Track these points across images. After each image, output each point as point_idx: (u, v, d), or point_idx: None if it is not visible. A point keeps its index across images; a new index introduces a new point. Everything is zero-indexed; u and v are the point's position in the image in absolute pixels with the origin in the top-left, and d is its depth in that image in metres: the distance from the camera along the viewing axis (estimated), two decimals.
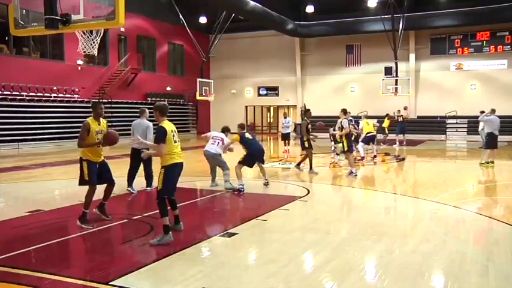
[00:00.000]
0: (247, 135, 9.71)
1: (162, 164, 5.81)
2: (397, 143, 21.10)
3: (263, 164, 9.98)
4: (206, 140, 10.18)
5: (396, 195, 9.51)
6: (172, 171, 5.82)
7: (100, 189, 6.74)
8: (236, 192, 9.15)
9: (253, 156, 9.61)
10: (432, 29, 28.39)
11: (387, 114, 20.91)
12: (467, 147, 22.91)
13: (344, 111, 12.18)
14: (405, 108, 22.33)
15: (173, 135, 5.83)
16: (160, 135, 5.70)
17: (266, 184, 9.73)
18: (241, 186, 9.26)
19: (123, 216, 7.18)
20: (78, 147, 6.55)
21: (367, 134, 14.85)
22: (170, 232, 5.64)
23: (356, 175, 11.61)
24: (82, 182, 6.57)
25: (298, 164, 12.74)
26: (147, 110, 9.47)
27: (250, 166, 9.92)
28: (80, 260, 5.38)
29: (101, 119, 6.77)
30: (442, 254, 5.34)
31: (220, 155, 9.89)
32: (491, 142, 14.01)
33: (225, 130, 10.27)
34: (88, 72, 24.76)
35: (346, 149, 11.96)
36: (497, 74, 27.85)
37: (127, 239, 6.12)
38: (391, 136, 21.43)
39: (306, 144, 12.31)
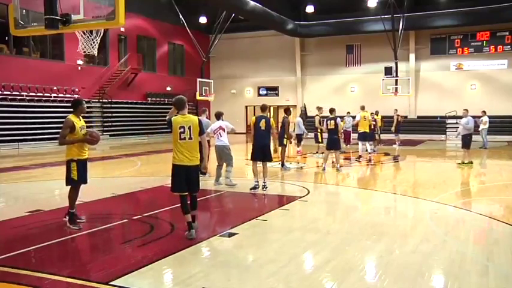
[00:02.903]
0: (262, 123, 9.21)
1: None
2: (397, 142, 21.19)
3: (269, 161, 9.57)
4: (211, 137, 10.14)
5: (396, 195, 9.51)
6: (177, 170, 5.81)
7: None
8: (252, 191, 9.15)
9: (256, 149, 9.33)
10: (432, 29, 28.38)
11: (377, 112, 20.88)
12: None
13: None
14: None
15: (182, 131, 5.71)
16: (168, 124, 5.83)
17: (263, 187, 9.29)
18: (256, 184, 9.24)
19: (123, 216, 7.17)
20: (59, 145, 6.43)
21: (359, 131, 14.94)
22: (192, 230, 5.79)
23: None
24: (69, 181, 6.45)
25: (283, 165, 12.79)
26: (207, 110, 11.25)
27: (256, 160, 9.43)
28: (80, 260, 5.38)
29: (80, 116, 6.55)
30: (442, 254, 5.34)
31: (229, 147, 9.86)
32: (470, 142, 13.84)
33: (220, 115, 10.15)
34: (88, 72, 24.77)
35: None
36: (497, 74, 27.85)
37: (127, 239, 6.12)
38: (389, 136, 21.48)
39: (285, 142, 12.86)
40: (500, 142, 23.17)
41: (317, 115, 16.49)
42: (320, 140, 16.55)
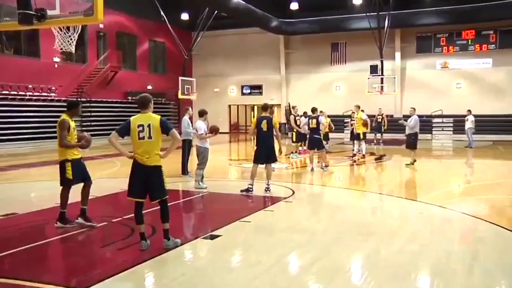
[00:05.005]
0: (264, 124, 8.93)
1: None
2: (381, 142, 21.58)
3: (270, 163, 9.34)
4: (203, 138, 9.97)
5: (382, 195, 9.61)
6: (133, 172, 5.42)
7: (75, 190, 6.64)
8: (244, 192, 9.05)
9: (260, 152, 9.09)
10: (418, 27, 28.73)
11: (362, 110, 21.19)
12: (453, 147, 23.26)
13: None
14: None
15: (140, 130, 5.31)
16: (120, 126, 5.48)
17: (267, 190, 9.18)
18: (250, 186, 9.10)
19: (103, 219, 7.09)
20: (61, 147, 6.37)
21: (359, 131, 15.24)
22: (142, 241, 5.47)
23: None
24: (64, 182, 6.46)
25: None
26: (189, 109, 11.47)
27: (258, 163, 9.21)
28: (58, 265, 5.31)
29: None
30: (429, 253, 5.42)
31: (205, 148, 9.77)
32: (416, 142, 13.84)
33: (203, 113, 10.02)
34: (65, 70, 24.41)
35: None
36: (483, 73, 28.30)
37: (107, 242, 6.05)
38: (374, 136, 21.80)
39: None
40: (486, 141, 23.59)
41: (292, 114, 16.43)
42: (295, 139, 16.43)
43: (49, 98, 22.97)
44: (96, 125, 25.74)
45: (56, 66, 23.86)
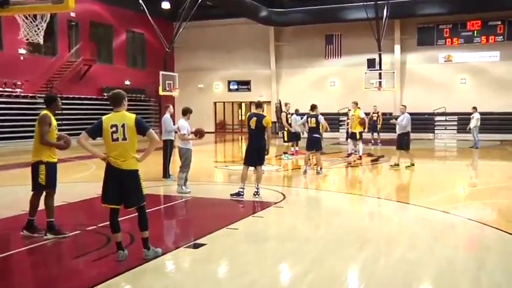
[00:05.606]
0: (252, 122, 9.06)
1: None
2: (378, 142, 21.72)
3: (260, 165, 9.45)
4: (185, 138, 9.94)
5: (380, 200, 9.67)
6: (107, 176, 5.36)
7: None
8: (234, 197, 9.08)
9: (248, 152, 9.31)
10: (419, 18, 28.91)
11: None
12: (457, 147, 23.50)
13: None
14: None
15: (114, 131, 5.25)
16: (90, 127, 5.40)
17: (256, 194, 9.22)
18: (241, 190, 9.14)
19: (76, 227, 7.04)
20: (42, 144, 6.28)
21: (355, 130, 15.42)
22: (122, 251, 5.42)
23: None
24: (35, 186, 6.37)
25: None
26: (170, 106, 11.77)
27: (247, 164, 9.36)
28: (25, 279, 5.26)
29: None
30: (430, 262, 5.46)
31: (187, 149, 9.73)
32: (409, 142, 13.88)
33: (187, 111, 10.00)
34: (33, 63, 24.19)
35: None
36: (489, 66, 28.58)
37: (80, 253, 6.01)
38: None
39: None
40: (493, 141, 23.85)
41: (284, 112, 16.56)
42: (287, 139, 16.57)
43: (14, 94, 22.73)
44: (68, 124, 25.49)
45: (22, 58, 23.63)
